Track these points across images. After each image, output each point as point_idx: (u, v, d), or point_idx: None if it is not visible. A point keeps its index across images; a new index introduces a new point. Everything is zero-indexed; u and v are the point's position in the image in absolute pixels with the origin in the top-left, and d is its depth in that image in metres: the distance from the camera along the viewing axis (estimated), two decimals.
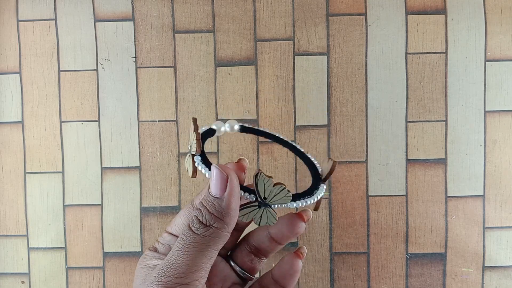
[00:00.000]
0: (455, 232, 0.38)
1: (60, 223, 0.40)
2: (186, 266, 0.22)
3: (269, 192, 0.24)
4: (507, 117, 0.38)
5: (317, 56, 0.39)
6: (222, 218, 0.23)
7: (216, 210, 0.23)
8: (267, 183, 0.24)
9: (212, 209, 0.23)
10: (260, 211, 0.24)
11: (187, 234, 0.23)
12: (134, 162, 0.39)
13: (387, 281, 0.39)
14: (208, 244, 0.23)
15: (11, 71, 0.40)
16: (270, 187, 0.24)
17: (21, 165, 0.40)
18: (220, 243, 0.23)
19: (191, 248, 0.22)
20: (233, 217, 0.23)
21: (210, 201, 0.23)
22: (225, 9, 0.39)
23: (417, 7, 0.38)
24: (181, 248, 0.23)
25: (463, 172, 0.38)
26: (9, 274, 0.40)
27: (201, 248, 0.22)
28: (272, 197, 0.24)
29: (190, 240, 0.23)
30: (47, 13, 0.39)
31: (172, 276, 0.22)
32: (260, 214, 0.25)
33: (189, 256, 0.22)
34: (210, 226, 0.23)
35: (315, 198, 0.26)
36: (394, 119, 0.39)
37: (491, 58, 0.38)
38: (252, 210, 0.24)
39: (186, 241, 0.23)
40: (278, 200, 0.24)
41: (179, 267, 0.22)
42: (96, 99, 0.39)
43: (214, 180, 0.23)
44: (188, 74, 0.39)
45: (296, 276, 0.27)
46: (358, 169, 0.39)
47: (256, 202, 0.24)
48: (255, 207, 0.24)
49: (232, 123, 0.30)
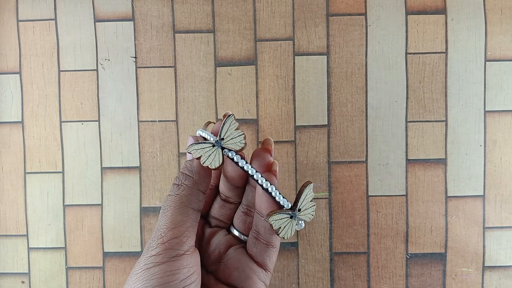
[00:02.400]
0: (455, 232, 0.38)
1: (60, 223, 0.40)
2: (164, 226, 0.23)
3: (229, 134, 0.25)
4: (507, 117, 0.38)
5: (317, 56, 0.39)
6: (192, 176, 0.25)
7: (188, 170, 0.25)
8: (232, 125, 0.25)
9: (184, 170, 0.26)
10: (210, 151, 0.25)
11: (165, 199, 0.25)
12: (134, 162, 0.39)
13: (387, 281, 0.39)
14: (181, 201, 0.24)
15: (11, 71, 0.40)
16: (231, 130, 0.25)
17: (21, 165, 0.40)
18: (193, 200, 0.25)
19: (168, 208, 0.24)
20: (202, 175, 0.25)
21: (184, 165, 0.26)
22: (225, 9, 0.39)
23: (417, 7, 0.38)
24: (161, 212, 0.25)
25: (463, 172, 0.38)
26: (9, 274, 0.40)
27: (175, 206, 0.24)
28: (228, 140, 0.25)
29: (167, 202, 0.25)
30: (47, 13, 0.39)
31: (155, 239, 0.23)
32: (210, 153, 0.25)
33: (166, 216, 0.24)
34: (182, 184, 0.25)
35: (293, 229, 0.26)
36: (394, 119, 0.39)
37: (491, 58, 0.38)
38: (204, 148, 0.25)
39: (164, 206, 0.25)
40: (231, 144, 0.25)
41: (159, 229, 0.24)
42: (96, 99, 0.39)
43: None
44: (188, 74, 0.39)
45: None
46: (358, 169, 0.39)
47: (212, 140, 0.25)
48: (209, 146, 0.25)
49: None
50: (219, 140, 0.25)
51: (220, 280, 0.26)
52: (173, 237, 0.23)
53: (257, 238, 0.26)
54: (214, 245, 0.28)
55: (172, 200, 0.25)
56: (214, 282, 0.26)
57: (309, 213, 0.25)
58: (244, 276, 0.26)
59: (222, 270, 0.26)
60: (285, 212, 0.24)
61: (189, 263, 0.23)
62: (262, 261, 0.26)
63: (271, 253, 0.26)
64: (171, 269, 0.22)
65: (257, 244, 0.26)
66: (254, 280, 0.26)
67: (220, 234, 0.28)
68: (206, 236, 0.28)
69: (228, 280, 0.26)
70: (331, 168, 0.39)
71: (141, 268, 0.22)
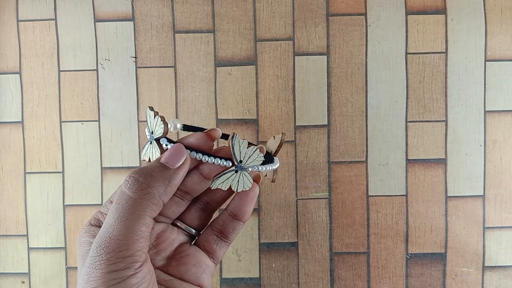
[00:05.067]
0: (455, 232, 0.38)
1: (60, 223, 0.40)
2: (123, 236, 0.21)
3: (244, 154, 0.24)
4: (507, 117, 0.38)
5: (317, 56, 0.39)
6: (166, 184, 0.23)
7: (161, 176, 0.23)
8: (242, 145, 0.24)
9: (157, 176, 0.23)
10: (237, 176, 0.25)
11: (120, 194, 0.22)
12: (134, 162, 0.39)
13: (387, 281, 0.39)
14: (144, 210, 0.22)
15: (11, 71, 0.40)
16: (244, 150, 0.24)
17: (21, 165, 0.40)
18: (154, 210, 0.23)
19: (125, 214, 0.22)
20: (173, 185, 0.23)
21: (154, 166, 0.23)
22: (225, 9, 0.39)
23: (417, 7, 0.38)
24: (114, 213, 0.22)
25: (463, 172, 0.38)
26: (9, 274, 0.40)
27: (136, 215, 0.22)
28: (247, 160, 0.25)
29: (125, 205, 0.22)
30: (47, 13, 0.39)
31: (112, 250, 0.21)
32: (237, 179, 0.25)
33: (125, 224, 0.21)
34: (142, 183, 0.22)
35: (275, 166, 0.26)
36: (394, 119, 0.39)
37: (491, 58, 0.38)
38: (230, 176, 0.25)
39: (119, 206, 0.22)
40: (252, 162, 0.24)
41: (118, 240, 0.21)
42: (96, 99, 0.39)
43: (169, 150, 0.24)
44: (188, 74, 0.39)
45: (253, 200, 0.26)
46: (358, 169, 0.39)
47: (233, 166, 0.25)
48: (233, 173, 0.25)
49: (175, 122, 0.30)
50: (238, 164, 0.24)
51: (172, 275, 0.26)
52: (136, 250, 0.21)
53: (219, 236, 0.27)
54: (165, 243, 0.27)
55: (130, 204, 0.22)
56: (166, 277, 0.25)
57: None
58: (200, 271, 0.26)
59: (175, 265, 0.26)
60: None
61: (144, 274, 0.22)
62: (217, 257, 0.27)
63: (226, 249, 0.27)
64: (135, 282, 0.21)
65: (218, 242, 0.27)
66: (208, 274, 0.27)
67: (170, 231, 0.27)
68: (154, 233, 0.27)
69: (184, 276, 0.26)
70: (331, 168, 0.39)
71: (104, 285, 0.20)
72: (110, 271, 0.20)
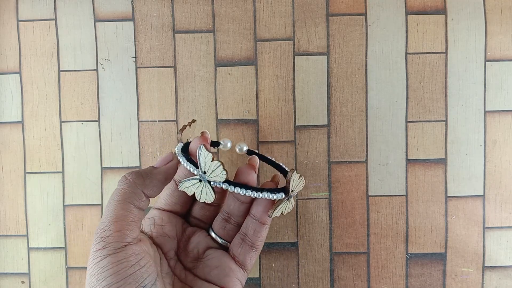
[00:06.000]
0: (455, 232, 0.38)
1: (60, 223, 0.40)
2: (107, 219, 0.25)
3: (208, 167, 0.25)
4: (507, 117, 0.38)
5: (317, 56, 0.39)
6: (144, 177, 0.27)
7: (145, 171, 0.27)
8: (207, 157, 0.25)
9: (142, 169, 0.27)
10: (201, 186, 0.26)
11: (113, 192, 0.26)
12: (134, 162, 0.39)
13: (387, 281, 0.39)
14: (124, 197, 0.26)
15: (11, 71, 0.40)
16: (208, 162, 0.25)
17: (21, 165, 0.40)
18: (135, 199, 0.26)
19: (111, 202, 0.26)
20: (155, 184, 0.27)
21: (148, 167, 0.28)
22: (225, 9, 0.39)
23: (417, 7, 0.38)
24: (106, 204, 0.26)
25: (463, 172, 0.38)
26: (9, 274, 0.40)
27: (118, 201, 0.25)
28: (210, 174, 0.25)
29: (112, 195, 0.26)
30: (47, 13, 0.39)
31: (98, 231, 0.25)
32: (201, 189, 0.26)
33: (109, 209, 0.25)
34: (128, 179, 0.26)
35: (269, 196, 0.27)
36: (394, 119, 0.39)
37: (491, 58, 0.38)
38: (194, 183, 0.26)
39: (110, 197, 0.26)
40: (215, 177, 0.25)
41: (103, 222, 0.25)
42: (96, 99, 0.39)
43: (161, 158, 0.28)
44: (188, 74, 0.39)
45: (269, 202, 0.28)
46: (358, 169, 0.39)
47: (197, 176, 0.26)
48: (197, 181, 0.26)
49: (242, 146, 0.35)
50: (202, 174, 0.26)
51: (199, 277, 0.28)
52: (115, 230, 0.24)
53: (244, 239, 0.29)
54: (193, 244, 0.30)
55: (116, 194, 0.26)
56: (192, 278, 0.28)
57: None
58: (223, 274, 0.28)
59: (201, 267, 0.29)
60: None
61: (135, 251, 0.24)
62: (243, 261, 0.29)
63: (253, 255, 0.29)
64: (117, 260, 0.24)
65: (242, 245, 0.29)
66: (232, 278, 0.28)
67: (200, 234, 0.30)
68: (186, 235, 0.30)
69: (208, 277, 0.28)
70: (331, 168, 0.39)
71: (91, 263, 0.24)
72: (96, 249, 0.24)
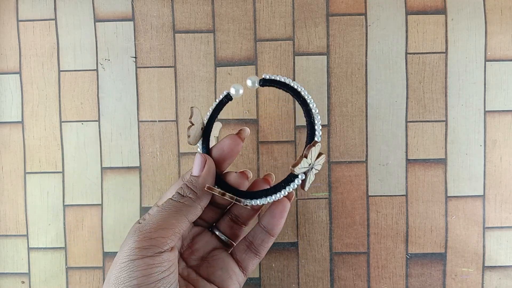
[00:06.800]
0: (455, 232, 0.38)
1: (60, 223, 0.40)
2: (156, 224, 0.26)
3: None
4: (507, 117, 0.38)
5: (317, 56, 0.39)
6: (196, 191, 0.27)
7: (193, 185, 0.28)
8: None
9: (190, 184, 0.28)
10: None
11: (166, 201, 0.27)
12: (134, 162, 0.39)
13: (387, 281, 0.39)
14: (181, 209, 0.27)
15: (11, 71, 0.40)
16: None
17: (21, 165, 0.40)
18: (191, 212, 0.27)
19: (166, 209, 0.27)
20: (205, 193, 0.28)
21: (190, 180, 0.28)
22: (225, 9, 0.39)
23: (417, 7, 0.38)
24: (158, 210, 0.27)
25: (463, 172, 0.38)
26: (9, 274, 0.40)
27: (174, 211, 0.26)
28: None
29: (167, 204, 0.27)
30: (47, 13, 0.39)
31: (144, 231, 0.25)
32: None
33: (162, 216, 0.26)
34: (185, 196, 0.27)
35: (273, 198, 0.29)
36: (394, 119, 0.39)
37: (491, 58, 0.38)
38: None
39: (163, 206, 0.27)
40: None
41: (151, 224, 0.26)
42: (96, 99, 0.39)
43: (196, 163, 0.28)
44: (188, 74, 0.39)
45: (283, 214, 0.29)
46: (358, 169, 0.39)
47: None
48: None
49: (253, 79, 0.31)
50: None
51: (201, 276, 0.29)
52: (160, 236, 0.25)
53: (249, 247, 0.30)
54: (199, 244, 0.30)
55: (173, 204, 0.27)
56: (195, 276, 0.29)
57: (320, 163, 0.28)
58: (227, 276, 0.29)
59: (205, 267, 0.30)
60: None
61: (169, 258, 0.25)
62: (245, 267, 0.30)
63: (256, 261, 0.30)
64: (153, 263, 0.24)
65: (247, 252, 0.30)
66: (233, 281, 0.29)
67: (205, 234, 0.31)
68: (191, 233, 0.31)
69: (211, 277, 0.29)
70: (331, 168, 0.39)
71: (126, 258, 0.24)
72: (135, 246, 0.25)
